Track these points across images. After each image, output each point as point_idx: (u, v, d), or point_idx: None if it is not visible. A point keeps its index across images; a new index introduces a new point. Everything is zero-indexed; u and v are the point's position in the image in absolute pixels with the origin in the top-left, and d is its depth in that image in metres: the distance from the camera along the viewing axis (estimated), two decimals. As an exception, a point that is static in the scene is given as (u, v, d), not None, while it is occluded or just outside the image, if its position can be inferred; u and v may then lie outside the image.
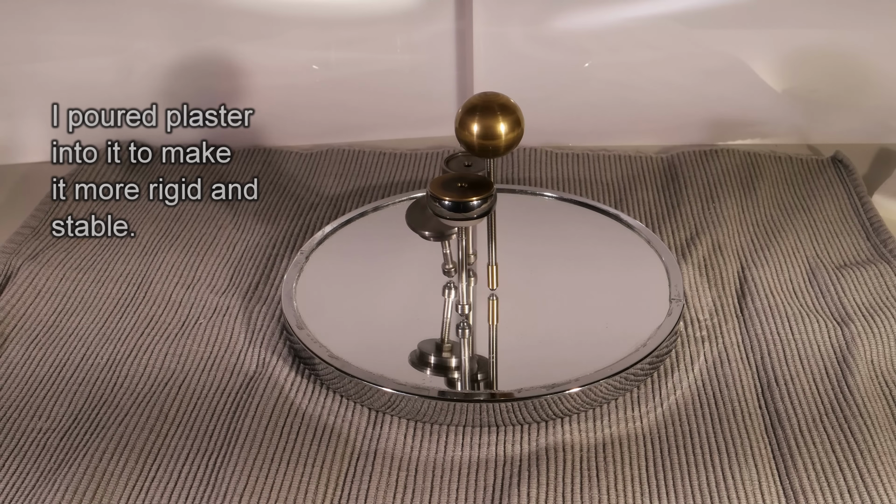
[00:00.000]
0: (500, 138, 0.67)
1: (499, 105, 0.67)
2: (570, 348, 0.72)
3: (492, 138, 0.67)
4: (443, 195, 0.67)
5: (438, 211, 0.68)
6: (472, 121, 0.67)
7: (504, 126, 0.67)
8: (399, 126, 1.08)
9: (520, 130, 0.68)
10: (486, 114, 0.67)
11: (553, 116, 1.06)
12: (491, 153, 0.68)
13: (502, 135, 0.67)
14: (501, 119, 0.66)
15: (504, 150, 0.68)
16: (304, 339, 0.72)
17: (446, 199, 0.67)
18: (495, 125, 0.66)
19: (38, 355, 0.74)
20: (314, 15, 1.03)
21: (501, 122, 0.66)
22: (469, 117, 0.67)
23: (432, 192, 0.67)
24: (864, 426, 0.65)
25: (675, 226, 0.90)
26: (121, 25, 1.02)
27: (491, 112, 0.67)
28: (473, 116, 0.67)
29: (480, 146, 0.67)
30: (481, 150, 0.67)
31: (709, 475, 0.62)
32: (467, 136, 0.67)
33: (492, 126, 0.66)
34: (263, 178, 0.99)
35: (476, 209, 0.67)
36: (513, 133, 0.67)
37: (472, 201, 0.67)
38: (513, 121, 0.67)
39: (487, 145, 0.67)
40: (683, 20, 1.03)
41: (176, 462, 0.64)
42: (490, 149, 0.67)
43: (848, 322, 0.75)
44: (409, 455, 0.65)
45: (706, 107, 1.06)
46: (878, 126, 1.07)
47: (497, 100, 0.68)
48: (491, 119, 0.66)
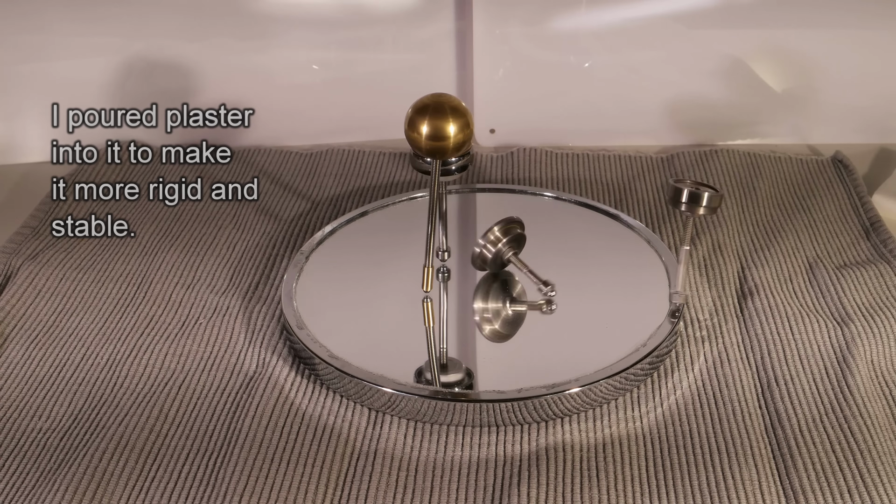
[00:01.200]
0: (448, 139, 0.67)
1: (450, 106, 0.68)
2: (570, 348, 0.72)
3: (441, 139, 0.67)
4: None
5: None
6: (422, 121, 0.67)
7: (454, 127, 0.67)
8: (399, 126, 1.08)
9: (469, 132, 0.68)
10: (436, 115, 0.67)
11: (553, 116, 1.06)
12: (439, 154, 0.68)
13: (451, 136, 0.67)
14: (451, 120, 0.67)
15: (451, 152, 0.68)
16: (304, 339, 0.72)
17: None
18: (445, 126, 0.67)
19: (38, 355, 0.74)
20: (314, 15, 1.03)
21: (451, 123, 0.67)
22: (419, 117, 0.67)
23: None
24: (864, 426, 0.65)
25: (675, 226, 0.90)
26: (121, 25, 1.02)
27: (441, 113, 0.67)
28: (424, 117, 0.67)
29: (428, 147, 0.68)
30: (429, 151, 0.68)
31: (709, 475, 0.62)
32: (416, 138, 0.68)
33: (441, 127, 0.67)
34: (263, 178, 0.99)
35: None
36: (462, 134, 0.67)
37: None
38: (462, 123, 0.67)
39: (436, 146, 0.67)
40: (683, 20, 1.03)
41: (176, 462, 0.64)
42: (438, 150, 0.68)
43: (848, 322, 0.75)
44: (409, 455, 0.65)
45: (706, 107, 1.06)
46: (878, 126, 1.07)
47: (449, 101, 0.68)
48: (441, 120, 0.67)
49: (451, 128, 0.67)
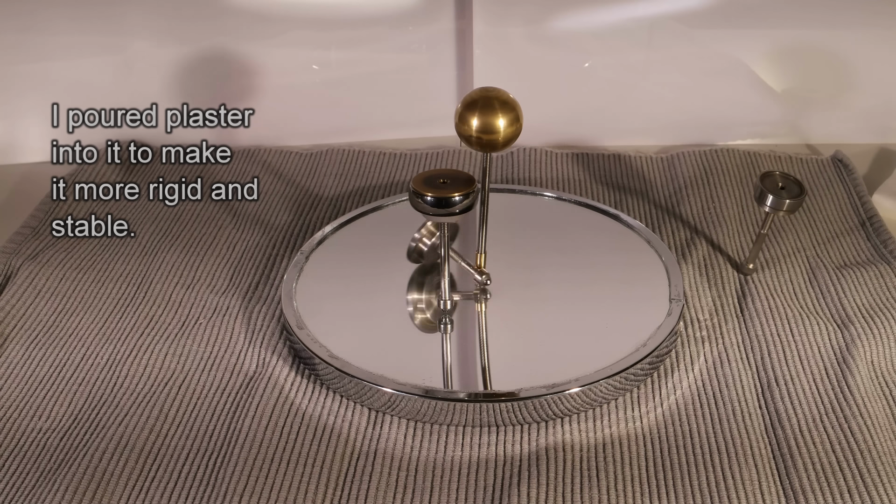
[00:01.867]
0: (498, 133, 0.68)
1: (498, 100, 0.68)
2: (570, 348, 0.72)
3: (491, 132, 0.68)
4: (425, 191, 0.68)
5: (420, 207, 0.69)
6: (471, 115, 0.68)
7: (503, 121, 0.68)
8: (399, 126, 1.08)
9: (518, 125, 0.69)
10: (485, 109, 0.68)
11: (553, 116, 1.06)
12: (489, 147, 0.69)
13: (501, 129, 0.68)
14: (501, 114, 0.67)
15: (502, 146, 0.69)
16: (304, 339, 0.72)
17: (429, 195, 0.68)
18: (494, 120, 0.67)
19: (38, 355, 0.74)
20: (314, 15, 1.03)
21: (500, 118, 0.67)
22: (469, 112, 0.68)
23: (414, 188, 0.69)
24: (864, 426, 0.65)
25: (675, 226, 0.90)
26: (121, 25, 1.02)
27: (490, 107, 0.68)
28: (473, 111, 0.68)
29: (479, 140, 0.68)
30: (479, 144, 0.68)
31: (709, 475, 0.63)
32: (466, 131, 0.68)
33: (491, 121, 0.67)
34: (263, 178, 0.99)
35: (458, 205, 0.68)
36: (511, 128, 0.68)
37: (454, 197, 0.68)
38: (512, 116, 0.68)
39: (486, 139, 0.68)
40: (683, 20, 1.03)
41: (176, 462, 0.64)
42: (488, 143, 0.68)
43: (848, 322, 0.75)
44: (409, 455, 0.65)
45: (706, 107, 1.06)
46: (878, 126, 1.07)
47: (497, 95, 0.69)
48: (490, 114, 0.67)
49: (500, 122, 0.68)
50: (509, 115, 0.68)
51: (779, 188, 0.77)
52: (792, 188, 0.78)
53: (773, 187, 0.77)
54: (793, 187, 0.78)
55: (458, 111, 0.69)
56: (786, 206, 0.77)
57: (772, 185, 0.78)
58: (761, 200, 0.77)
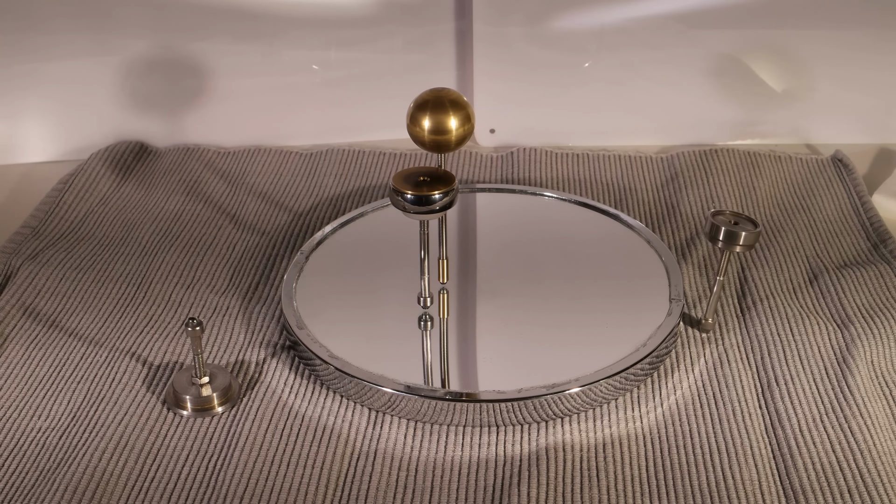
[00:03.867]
0: (450, 133, 0.68)
1: (449, 101, 0.69)
2: (570, 348, 0.72)
3: (442, 133, 0.68)
4: (405, 189, 0.68)
5: (400, 204, 0.69)
6: (423, 116, 0.68)
7: (455, 121, 0.68)
8: (399, 126, 1.08)
9: (470, 125, 0.69)
10: (436, 109, 0.68)
11: (553, 116, 1.06)
12: (442, 148, 0.69)
13: (453, 130, 0.68)
14: (452, 114, 0.68)
15: (455, 146, 0.69)
16: (304, 339, 0.72)
17: (408, 193, 0.68)
18: (446, 120, 0.68)
19: (38, 355, 0.74)
20: (314, 15, 1.03)
21: (452, 118, 0.68)
22: (420, 113, 0.68)
23: (394, 185, 0.68)
24: (864, 426, 0.65)
25: (675, 226, 0.90)
26: (120, 25, 1.02)
27: (441, 107, 0.68)
28: (424, 112, 0.68)
29: (431, 141, 0.68)
30: (432, 144, 0.69)
31: (709, 475, 0.63)
32: (418, 132, 0.69)
33: (442, 121, 0.68)
34: (264, 178, 0.99)
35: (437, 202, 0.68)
36: (463, 128, 0.68)
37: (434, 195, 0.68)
38: (463, 116, 0.68)
39: (438, 140, 0.68)
40: (683, 20, 1.03)
41: (176, 462, 0.64)
42: (441, 144, 0.69)
43: (848, 322, 0.75)
44: (409, 455, 0.65)
45: (706, 107, 1.06)
46: (878, 126, 1.07)
47: (448, 95, 0.69)
48: (441, 114, 0.68)
49: (452, 122, 0.68)
50: (460, 115, 0.68)
51: (731, 224, 0.71)
52: (745, 224, 0.71)
53: (725, 223, 0.71)
54: (746, 224, 0.71)
55: (409, 112, 0.69)
56: (742, 240, 0.70)
57: (724, 220, 0.71)
58: (713, 237, 0.71)
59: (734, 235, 0.70)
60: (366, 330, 0.74)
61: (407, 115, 0.69)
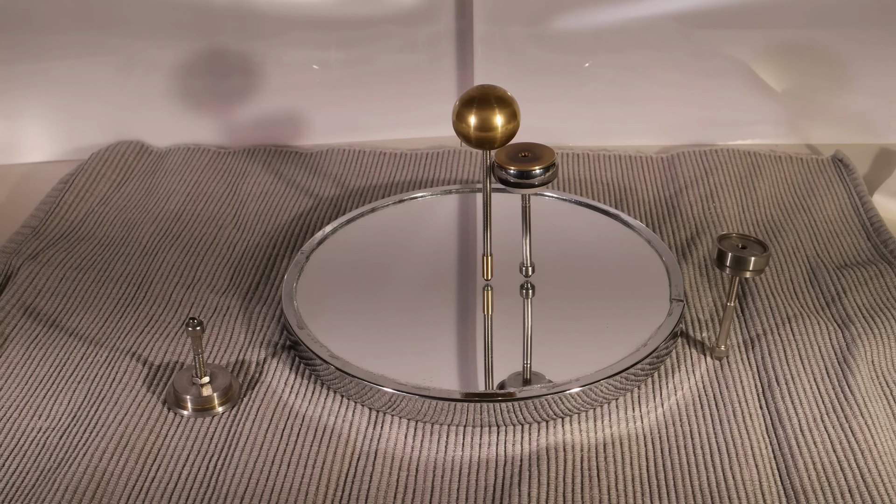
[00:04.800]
0: (496, 130, 0.68)
1: (495, 97, 0.69)
2: (570, 348, 0.72)
3: (488, 129, 0.68)
4: (508, 164, 0.70)
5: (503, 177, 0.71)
6: (469, 113, 0.68)
7: (500, 118, 0.68)
8: (399, 126, 1.08)
9: (516, 123, 0.69)
10: (483, 106, 0.68)
11: (553, 116, 1.06)
12: (487, 145, 0.69)
13: (498, 126, 0.68)
14: (498, 111, 0.68)
15: (500, 142, 0.69)
16: (304, 339, 0.72)
17: (511, 168, 0.70)
18: (492, 117, 0.68)
19: (38, 355, 0.74)
20: (314, 15, 1.03)
21: (498, 114, 0.68)
22: (466, 109, 0.68)
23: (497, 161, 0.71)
24: (865, 426, 0.65)
25: (675, 226, 0.90)
26: (121, 25, 1.02)
27: (487, 104, 0.68)
28: (471, 108, 0.68)
29: (477, 138, 0.69)
30: (478, 141, 0.69)
31: (709, 475, 0.62)
32: (464, 128, 0.69)
33: (488, 118, 0.68)
34: (264, 178, 0.99)
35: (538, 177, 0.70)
36: (509, 125, 0.68)
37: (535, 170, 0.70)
38: (509, 113, 0.68)
39: (484, 137, 0.69)
40: (683, 20, 1.03)
41: (176, 463, 0.64)
42: (486, 140, 0.69)
43: (848, 322, 0.75)
44: (409, 455, 0.65)
45: (706, 107, 1.06)
46: (878, 126, 1.07)
47: (494, 92, 0.69)
48: (487, 111, 0.68)
49: (497, 119, 0.68)
50: (506, 112, 0.68)
51: (739, 248, 0.69)
52: (754, 247, 0.69)
53: (732, 248, 0.69)
54: (755, 246, 0.69)
55: (455, 108, 0.69)
56: (751, 266, 0.68)
57: (730, 245, 0.69)
58: (721, 263, 0.69)
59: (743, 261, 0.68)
60: (366, 330, 0.74)
61: (453, 112, 0.70)
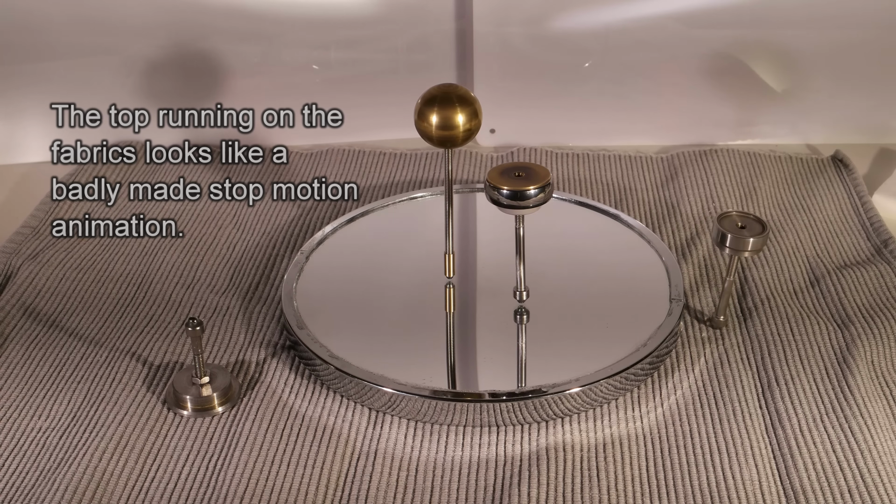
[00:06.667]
0: (458, 128, 0.69)
1: (457, 96, 0.69)
2: (570, 348, 0.72)
3: (450, 128, 0.68)
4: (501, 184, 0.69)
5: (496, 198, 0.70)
6: (430, 111, 0.69)
7: (462, 117, 0.68)
8: (399, 126, 1.08)
9: (477, 121, 0.69)
10: (444, 104, 0.68)
11: (553, 116, 1.06)
12: (449, 143, 0.69)
13: (460, 125, 0.68)
14: (460, 110, 0.68)
15: (461, 141, 0.69)
16: (304, 339, 0.72)
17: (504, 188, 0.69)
18: (454, 115, 0.68)
19: (38, 355, 0.74)
20: (314, 15, 1.03)
21: (460, 113, 0.68)
22: (428, 108, 0.69)
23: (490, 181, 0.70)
24: (864, 426, 0.65)
25: (675, 226, 0.90)
26: (121, 25, 1.02)
27: (449, 103, 0.68)
28: (432, 107, 0.68)
29: (439, 137, 0.69)
30: (439, 140, 0.69)
31: (709, 475, 0.63)
32: (426, 127, 0.69)
33: (450, 117, 0.68)
34: (264, 178, 0.99)
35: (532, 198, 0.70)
36: (470, 123, 0.69)
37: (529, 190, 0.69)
38: (470, 112, 0.69)
39: (446, 136, 0.69)
40: (683, 20, 1.03)
41: (176, 463, 0.64)
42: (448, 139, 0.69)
43: (848, 322, 0.75)
44: (409, 455, 0.65)
45: (706, 107, 1.06)
46: (878, 126, 1.07)
47: (455, 91, 0.69)
48: (449, 110, 0.68)
49: (459, 117, 0.68)
50: (468, 111, 0.68)
51: (738, 227, 0.72)
52: (753, 226, 0.72)
53: (732, 227, 0.72)
54: (754, 225, 0.72)
55: (417, 107, 0.69)
56: (749, 246, 0.71)
57: (730, 225, 0.72)
58: (721, 243, 0.72)
59: (741, 241, 0.71)
60: (366, 330, 0.74)
61: (414, 111, 0.69)
